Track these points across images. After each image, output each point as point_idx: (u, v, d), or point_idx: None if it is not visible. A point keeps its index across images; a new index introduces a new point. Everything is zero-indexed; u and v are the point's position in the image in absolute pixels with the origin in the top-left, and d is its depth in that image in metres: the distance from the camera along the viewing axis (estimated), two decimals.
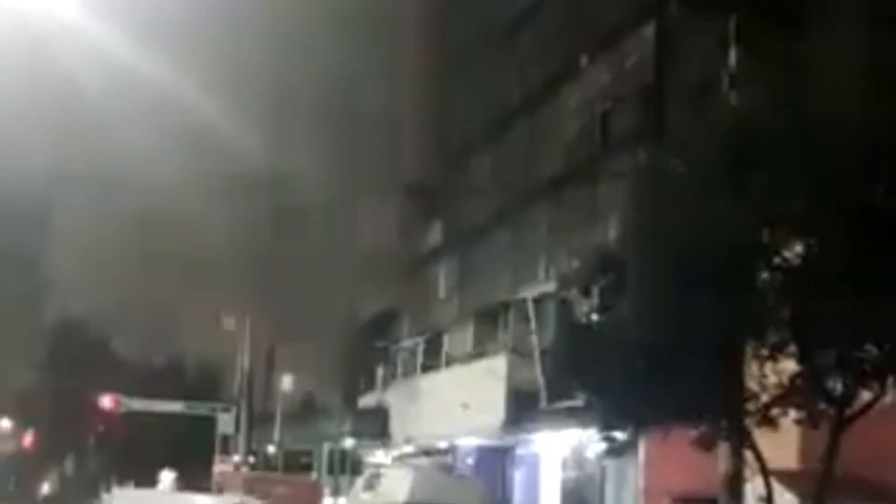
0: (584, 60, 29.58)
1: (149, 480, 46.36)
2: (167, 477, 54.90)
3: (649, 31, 26.32)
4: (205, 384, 58.16)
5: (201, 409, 49.85)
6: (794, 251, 12.87)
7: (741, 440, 14.12)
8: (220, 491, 41.78)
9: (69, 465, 66.36)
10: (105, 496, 26.75)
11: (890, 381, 13.24)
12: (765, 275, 12.90)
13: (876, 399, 13.18)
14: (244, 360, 47.79)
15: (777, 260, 12.87)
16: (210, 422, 48.74)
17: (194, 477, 55.65)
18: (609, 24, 28.42)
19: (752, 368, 13.18)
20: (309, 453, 47.82)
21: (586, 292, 14.87)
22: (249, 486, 32.43)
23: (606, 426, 14.69)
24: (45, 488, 66.30)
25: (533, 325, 27.54)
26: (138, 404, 50.05)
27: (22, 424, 66.57)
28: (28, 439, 66.50)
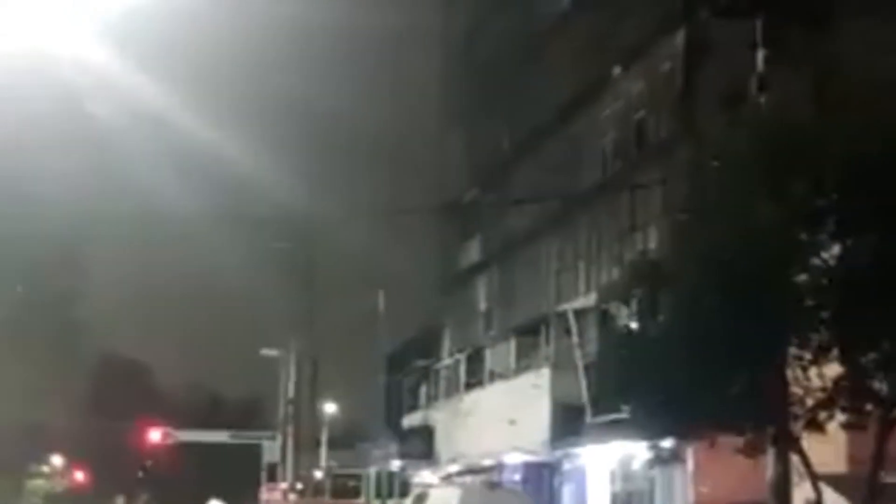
0: (616, 70, 29.54)
1: None
2: None
3: (680, 37, 26.28)
4: (249, 413, 58.47)
5: (246, 438, 50.07)
6: (833, 251, 12.79)
7: (788, 445, 14.00)
8: None
9: (120, 500, 66.80)
10: None
11: None
12: (804, 276, 12.82)
13: None
14: (288, 388, 47.95)
15: (816, 261, 12.78)
16: (256, 450, 48.94)
17: None
18: (640, 33, 28.40)
19: (796, 372, 13.08)
20: (356, 477, 47.85)
21: (627, 303, 14.80)
22: None
23: (653, 437, 14.63)
24: None
25: (575, 338, 27.44)
26: (185, 436, 50.38)
27: (72, 461, 67.16)
28: (80, 476, 67.08)
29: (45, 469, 68.38)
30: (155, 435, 49.98)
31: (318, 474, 51.69)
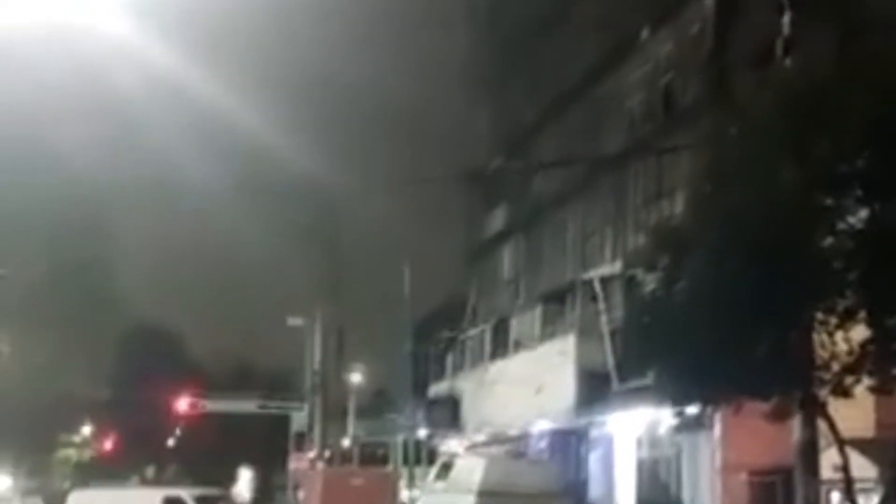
0: (644, 32, 29.27)
1: (227, 480, 47.00)
2: (245, 475, 55.54)
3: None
4: (277, 382, 58.72)
5: (275, 407, 50.31)
6: (860, 215, 12.66)
7: (815, 410, 13.94)
8: (297, 487, 42.25)
9: (150, 470, 67.37)
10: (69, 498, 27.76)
11: None
12: (830, 240, 12.71)
13: None
14: (315, 357, 48.13)
15: (842, 224, 12.67)
16: (284, 419, 49.19)
17: (271, 474, 56.33)
18: None
19: (822, 337, 12.99)
20: (384, 445, 48.05)
21: (653, 269, 14.72)
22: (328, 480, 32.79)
23: (678, 403, 14.58)
24: None
25: (601, 305, 27.38)
26: (213, 405, 50.66)
27: (101, 431, 67.76)
28: (108, 444, 67.67)
29: (76, 439, 69.05)
30: (183, 404, 50.29)
31: (346, 443, 51.99)
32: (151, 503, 26.45)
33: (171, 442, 68.15)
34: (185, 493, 27.58)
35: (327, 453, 47.98)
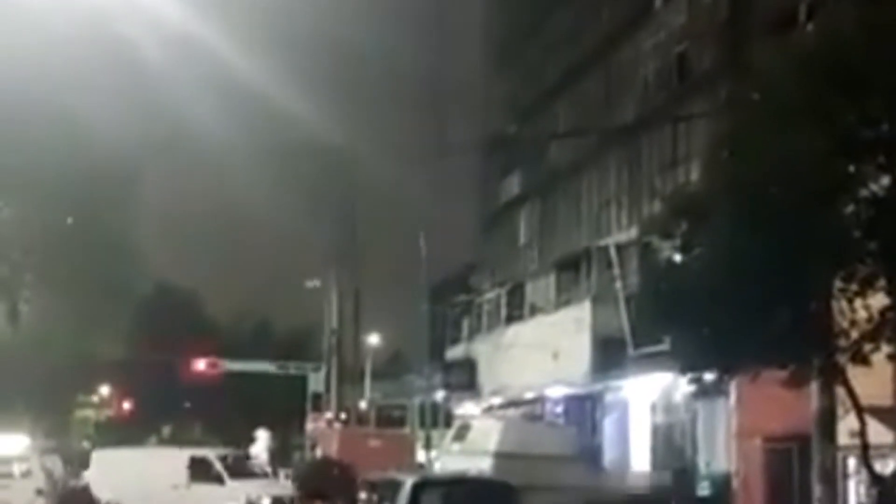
0: (658, 1, 29.11)
1: (245, 440, 47.27)
2: (262, 436, 55.84)
3: None
4: (294, 344, 58.98)
5: (292, 368, 50.60)
6: (882, 182, 12.60)
7: (833, 378, 13.94)
8: (314, 447, 42.55)
9: (167, 431, 67.83)
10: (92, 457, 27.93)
11: None
12: (851, 207, 12.65)
13: None
14: (332, 319, 48.32)
15: (864, 192, 12.61)
16: (301, 381, 49.47)
17: (288, 435, 56.69)
18: None
19: (842, 305, 12.97)
20: (401, 407, 48.32)
21: (669, 237, 14.69)
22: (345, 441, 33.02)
23: (695, 369, 14.59)
24: None
25: (617, 271, 27.38)
26: (231, 366, 50.98)
27: (120, 391, 68.18)
28: (126, 405, 68.12)
29: (94, 399, 69.50)
30: (201, 364, 50.64)
31: (363, 405, 52.28)
32: (177, 463, 26.50)
33: (188, 403, 68.62)
34: (210, 453, 27.78)
35: (343, 415, 48.27)
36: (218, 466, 26.56)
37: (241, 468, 27.82)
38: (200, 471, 26.31)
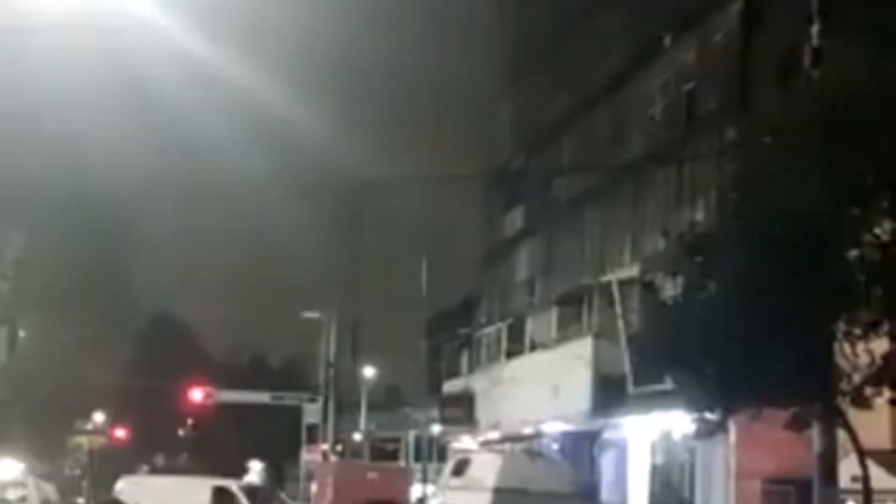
0: (667, 39, 29.28)
1: (238, 471, 47.13)
2: (256, 466, 55.66)
3: (734, 7, 26.02)
4: (291, 375, 58.93)
5: (288, 399, 50.51)
6: (885, 227, 12.71)
7: (835, 420, 13.98)
8: (310, 479, 42.41)
9: (160, 459, 67.63)
10: (118, 483, 27.99)
11: None
12: (855, 252, 12.76)
13: None
14: (329, 351, 48.32)
15: (868, 236, 12.72)
16: (297, 412, 49.38)
17: (283, 466, 56.54)
18: (693, 3, 28.13)
19: (844, 347, 13.04)
20: (396, 440, 48.24)
21: (675, 275, 14.77)
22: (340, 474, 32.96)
23: (696, 409, 14.63)
24: None
25: (619, 308, 27.42)
26: (227, 396, 50.89)
27: (114, 419, 67.99)
28: (119, 433, 67.90)
29: (89, 426, 69.31)
30: (197, 394, 50.52)
31: (357, 437, 52.17)
32: (201, 492, 26.53)
33: (181, 432, 68.45)
34: (234, 484, 27.80)
35: (339, 447, 48.15)
36: (241, 498, 26.67)
37: (267, 501, 27.98)
38: (223, 501, 26.42)
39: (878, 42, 13.44)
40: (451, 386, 42.57)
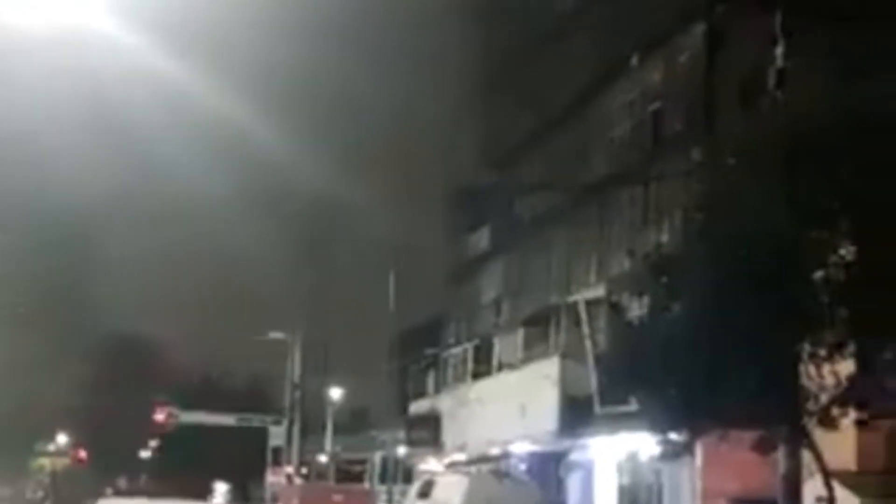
0: (634, 60, 29.41)
1: (202, 493, 46.72)
2: (221, 488, 55.17)
3: (699, 29, 26.18)
4: (256, 396, 58.59)
5: (253, 421, 50.23)
6: (850, 249, 12.79)
7: (800, 441, 14.02)
8: (275, 501, 42.11)
9: (122, 481, 67.03)
10: None
11: None
12: (820, 273, 12.82)
13: None
14: (295, 373, 48.09)
15: (832, 258, 12.79)
16: (262, 433, 49.08)
17: (248, 488, 56.09)
18: (659, 23, 28.28)
19: (810, 369, 13.09)
20: (362, 462, 48.01)
21: (641, 295, 14.80)
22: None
23: (662, 430, 14.64)
24: None
25: (586, 329, 27.42)
26: (191, 417, 50.54)
27: (76, 440, 67.35)
28: (81, 453, 67.25)
29: (52, 448, 68.60)
30: (159, 416, 50.16)
31: (323, 459, 51.88)
32: None
33: (144, 453, 67.86)
34: None
35: (304, 469, 47.86)
36: None
37: None
38: None
39: (841, 64, 13.55)
40: (417, 407, 42.42)
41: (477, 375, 36.76)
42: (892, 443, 13.16)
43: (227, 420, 50.54)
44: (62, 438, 68.29)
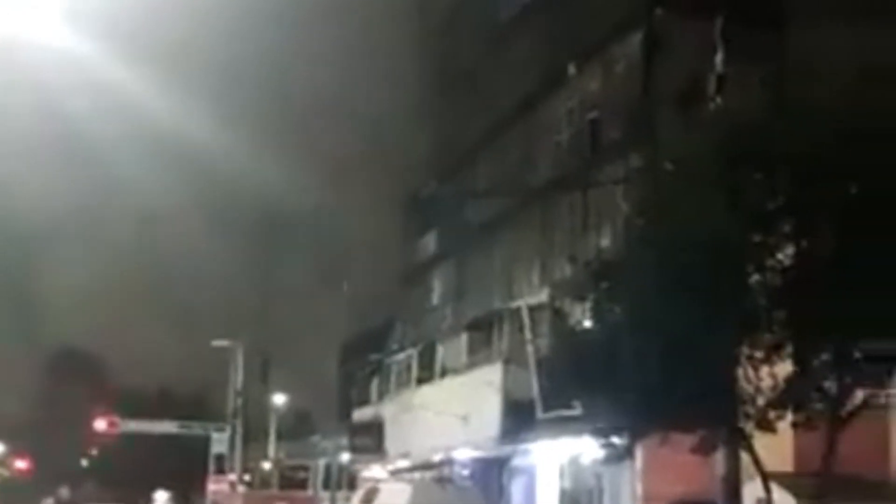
0: (572, 67, 29.64)
1: (144, 501, 46.32)
2: (162, 497, 54.65)
3: (636, 38, 26.39)
4: (199, 405, 58.17)
5: (195, 429, 49.84)
6: (787, 252, 12.92)
7: (738, 444, 14.14)
8: None
9: (64, 491, 66.18)
10: None
11: (884, 378, 13.29)
12: (757, 276, 12.95)
13: (870, 398, 13.23)
14: (237, 380, 47.77)
15: (770, 261, 12.92)
16: (205, 441, 48.70)
17: (190, 496, 55.61)
18: (596, 32, 28.50)
19: (748, 371, 13.20)
20: (304, 469, 47.72)
21: (582, 300, 14.87)
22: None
23: (603, 434, 14.70)
24: None
25: (528, 334, 27.50)
26: (133, 426, 50.05)
27: (16, 450, 66.43)
28: (21, 464, 66.35)
29: None
30: (101, 424, 49.65)
31: (266, 465, 51.56)
32: None
33: (85, 462, 67.09)
34: None
35: (247, 476, 47.54)
36: None
37: None
38: None
39: (778, 69, 13.72)
40: (361, 413, 42.27)
41: (421, 381, 36.72)
42: (828, 444, 13.28)
43: (170, 428, 50.12)
44: (0, 448, 67.32)
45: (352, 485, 40.40)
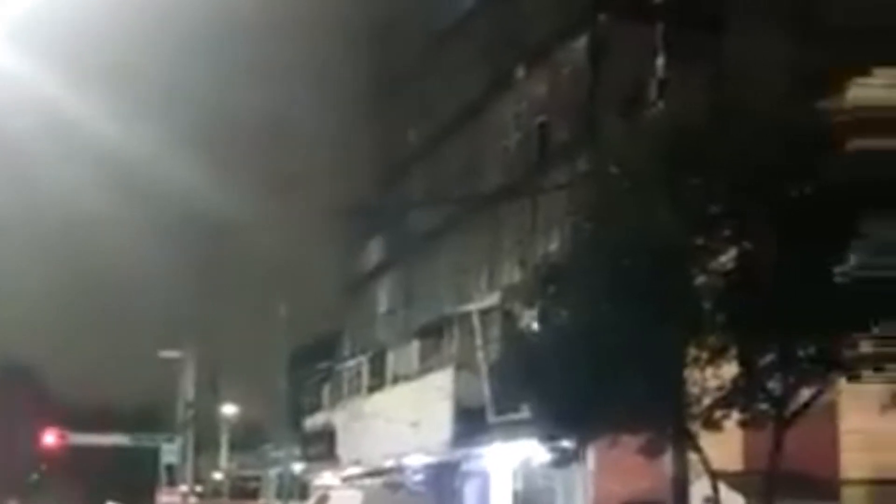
0: (519, 72, 29.71)
1: None
2: None
3: (582, 42, 26.55)
4: (148, 416, 57.67)
5: (145, 440, 49.44)
6: (730, 254, 13.08)
7: (686, 444, 14.29)
8: None
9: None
10: None
11: (828, 378, 13.48)
12: (701, 279, 13.09)
13: (814, 397, 13.42)
14: (187, 390, 47.43)
15: (713, 264, 13.07)
16: (155, 453, 48.29)
17: None
18: (542, 36, 28.62)
19: (694, 373, 13.35)
20: (256, 479, 47.52)
21: (531, 305, 14.96)
22: None
23: (553, 437, 14.80)
24: None
25: (479, 338, 27.58)
26: (82, 439, 49.53)
27: None
28: None
29: None
30: (49, 437, 49.06)
31: (218, 476, 51.25)
32: None
33: (34, 476, 66.33)
34: None
35: (199, 487, 47.20)
36: None
37: None
38: None
39: (716, 73, 13.90)
40: (312, 421, 42.16)
41: (372, 388, 36.69)
42: (775, 443, 13.46)
43: (120, 440, 49.67)
44: None
45: (304, 494, 40.28)
